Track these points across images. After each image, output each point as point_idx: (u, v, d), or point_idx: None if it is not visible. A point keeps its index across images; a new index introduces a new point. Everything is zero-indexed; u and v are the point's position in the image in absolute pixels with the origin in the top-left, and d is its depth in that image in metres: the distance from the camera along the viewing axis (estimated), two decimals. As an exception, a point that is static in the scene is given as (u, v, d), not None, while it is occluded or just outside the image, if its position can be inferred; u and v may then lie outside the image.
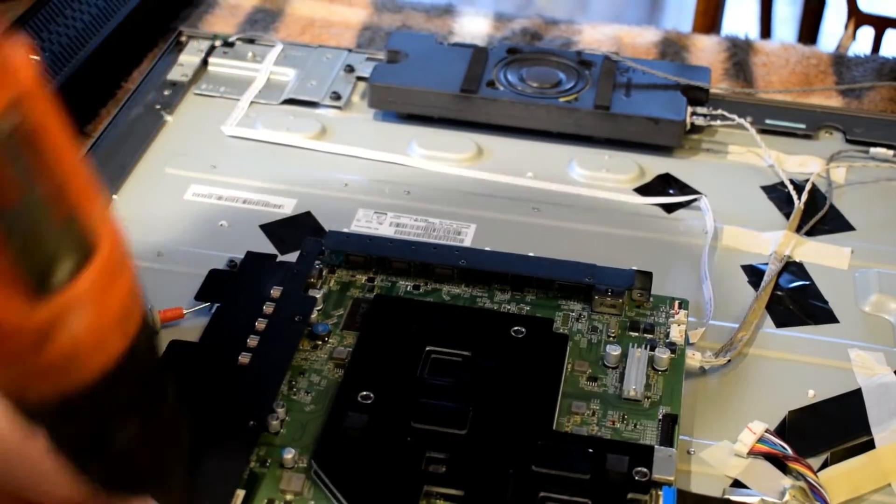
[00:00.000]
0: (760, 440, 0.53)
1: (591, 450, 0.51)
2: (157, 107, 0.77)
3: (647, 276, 0.61)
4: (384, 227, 0.67)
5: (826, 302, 0.64)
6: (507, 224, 0.69)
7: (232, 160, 0.73)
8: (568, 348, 0.57)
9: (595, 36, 0.91)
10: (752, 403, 0.57)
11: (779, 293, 0.64)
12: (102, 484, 0.39)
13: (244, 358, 0.55)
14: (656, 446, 0.52)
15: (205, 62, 0.81)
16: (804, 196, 0.70)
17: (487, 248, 0.64)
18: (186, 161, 0.73)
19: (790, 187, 0.71)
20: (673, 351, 0.57)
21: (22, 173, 0.32)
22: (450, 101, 0.75)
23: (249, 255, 0.63)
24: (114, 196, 0.69)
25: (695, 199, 0.71)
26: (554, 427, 0.53)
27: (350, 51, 0.83)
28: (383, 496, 0.49)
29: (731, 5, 1.59)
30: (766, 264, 0.65)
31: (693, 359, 0.58)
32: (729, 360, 0.59)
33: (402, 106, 0.76)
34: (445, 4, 0.96)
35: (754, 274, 0.65)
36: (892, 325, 0.62)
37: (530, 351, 0.56)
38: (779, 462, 0.53)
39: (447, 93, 0.75)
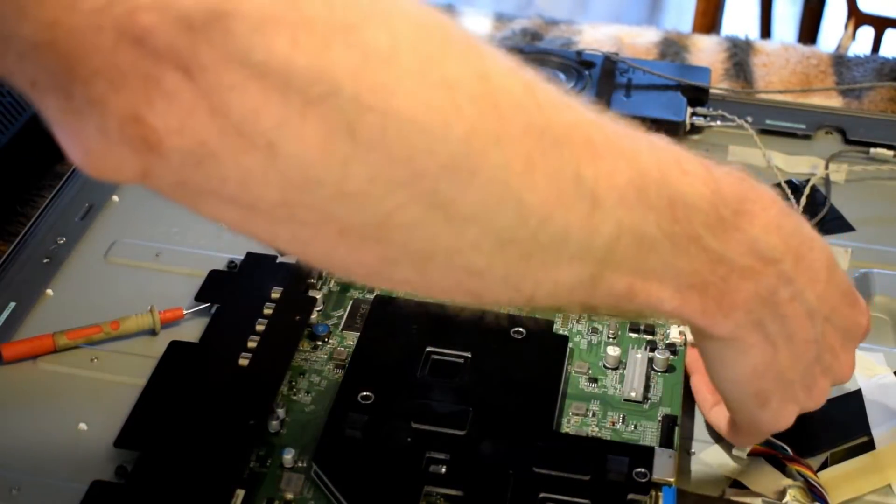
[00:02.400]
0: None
1: (591, 451, 0.51)
2: (157, 107, 0.77)
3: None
4: (384, 228, 0.67)
5: (826, 302, 0.63)
6: (507, 224, 0.68)
7: (232, 160, 0.72)
8: (568, 349, 0.57)
9: (595, 36, 0.91)
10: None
11: (779, 294, 0.64)
12: None
13: (244, 358, 0.55)
14: (656, 447, 0.52)
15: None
16: (804, 197, 0.70)
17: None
18: (186, 161, 0.72)
19: (789, 188, 0.71)
20: (673, 352, 0.57)
21: None
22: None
23: (249, 255, 0.63)
24: (114, 196, 0.69)
25: (695, 200, 0.70)
26: (554, 428, 0.53)
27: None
28: (383, 496, 0.49)
29: (731, 5, 1.59)
30: (766, 265, 0.65)
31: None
32: None
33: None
34: (445, 4, 0.96)
35: (754, 274, 0.65)
36: (891, 325, 0.62)
37: (530, 352, 0.56)
38: (779, 462, 0.53)
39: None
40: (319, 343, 0.58)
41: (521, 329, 0.57)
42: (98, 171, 0.32)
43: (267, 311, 0.58)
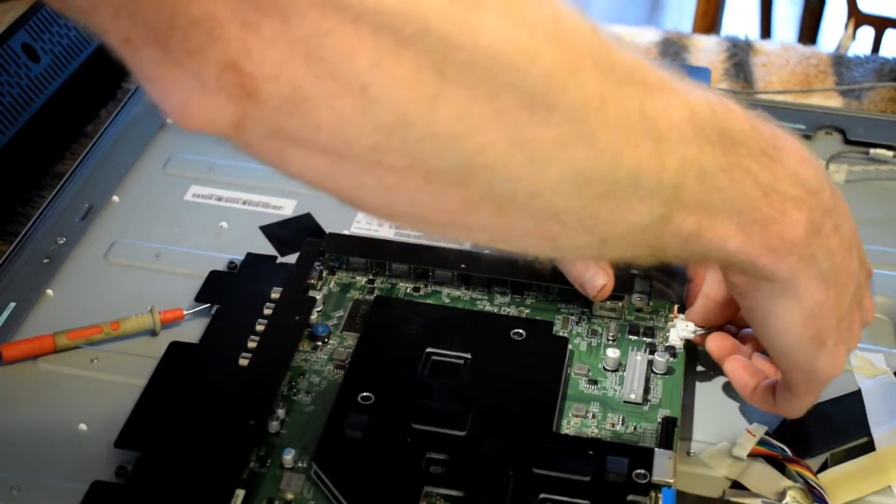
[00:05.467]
0: (760, 442, 0.53)
1: (590, 452, 0.51)
2: (158, 107, 0.77)
3: (647, 279, 0.61)
4: (384, 229, 0.67)
5: (826, 303, 0.63)
6: (507, 225, 0.68)
7: (232, 161, 0.73)
8: (568, 351, 0.57)
9: (595, 36, 0.91)
10: (752, 405, 0.57)
11: (778, 294, 0.64)
12: None
13: (244, 359, 0.55)
14: (656, 448, 0.52)
15: (205, 62, 0.81)
16: (804, 197, 0.70)
17: (487, 251, 0.64)
18: (186, 161, 0.73)
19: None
20: (672, 355, 0.57)
21: None
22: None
23: (249, 256, 0.63)
24: (114, 196, 0.69)
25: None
26: (554, 429, 0.53)
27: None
28: (383, 497, 0.49)
29: (731, 5, 1.59)
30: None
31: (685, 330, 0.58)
32: None
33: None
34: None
35: (754, 275, 0.65)
36: (892, 325, 0.62)
37: (530, 353, 0.56)
38: (778, 464, 0.53)
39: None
40: (319, 343, 0.58)
41: (520, 331, 0.57)
42: (194, 121, 0.33)
43: (267, 312, 0.58)
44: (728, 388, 0.58)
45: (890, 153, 0.75)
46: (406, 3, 0.32)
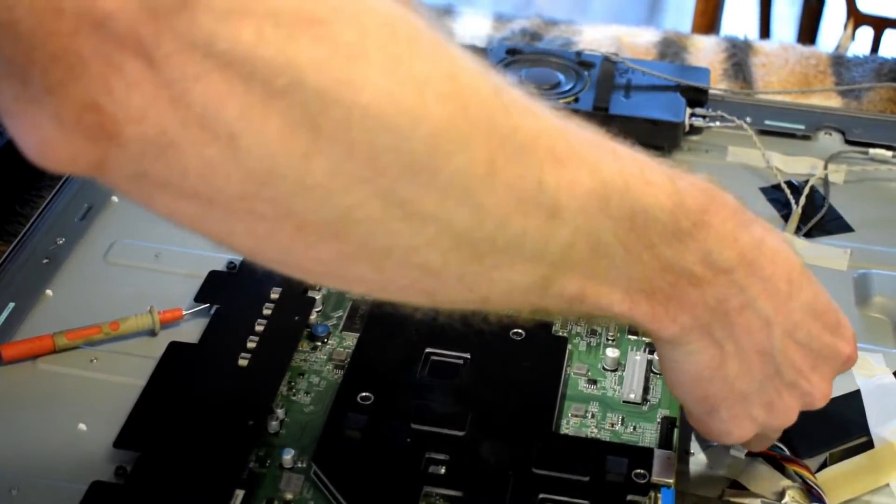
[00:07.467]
0: (759, 442, 0.53)
1: (590, 452, 0.51)
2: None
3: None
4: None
5: (825, 303, 0.63)
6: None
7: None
8: (567, 351, 0.57)
9: (595, 36, 0.91)
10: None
11: (778, 294, 0.64)
12: None
13: (243, 359, 0.55)
14: (655, 448, 0.52)
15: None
16: (803, 197, 0.70)
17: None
18: (186, 162, 0.72)
19: (788, 189, 0.71)
20: (672, 353, 0.57)
21: None
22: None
23: (249, 256, 0.63)
24: (113, 196, 0.69)
25: (694, 201, 0.70)
26: (553, 429, 0.53)
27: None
28: (383, 497, 0.49)
29: (731, 5, 1.59)
30: (765, 265, 0.65)
31: None
32: None
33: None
34: (445, 5, 0.96)
35: (753, 275, 0.65)
36: (891, 325, 0.62)
37: (529, 353, 0.56)
38: (777, 463, 0.53)
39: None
40: (319, 344, 0.58)
41: (520, 330, 0.57)
42: (52, 161, 0.32)
43: (266, 312, 0.58)
44: (727, 388, 0.58)
45: (889, 153, 0.75)
46: (280, 53, 0.30)
